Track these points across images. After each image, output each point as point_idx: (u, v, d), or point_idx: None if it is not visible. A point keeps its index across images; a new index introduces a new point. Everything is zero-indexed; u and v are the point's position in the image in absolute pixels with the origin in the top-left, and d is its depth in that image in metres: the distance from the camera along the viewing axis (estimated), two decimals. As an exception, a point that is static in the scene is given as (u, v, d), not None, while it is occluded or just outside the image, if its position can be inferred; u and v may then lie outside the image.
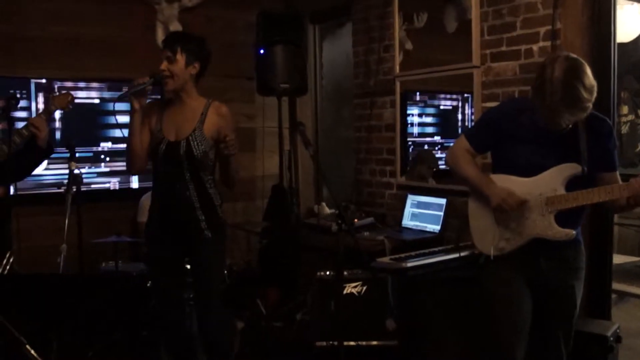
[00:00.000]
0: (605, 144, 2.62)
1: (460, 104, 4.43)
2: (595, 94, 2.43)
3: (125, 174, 5.04)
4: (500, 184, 2.68)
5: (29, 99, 4.71)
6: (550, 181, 2.60)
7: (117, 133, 4.86)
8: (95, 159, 4.98)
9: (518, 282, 2.70)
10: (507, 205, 2.62)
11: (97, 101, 4.99)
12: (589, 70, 2.43)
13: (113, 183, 5.06)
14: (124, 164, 3.37)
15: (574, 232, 2.60)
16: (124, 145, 3.28)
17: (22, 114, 4.60)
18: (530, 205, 2.62)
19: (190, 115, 3.16)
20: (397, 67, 4.72)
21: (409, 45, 4.66)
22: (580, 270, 2.74)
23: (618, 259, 4.88)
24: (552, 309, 2.71)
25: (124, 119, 3.28)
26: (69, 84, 4.86)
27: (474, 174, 2.78)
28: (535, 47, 3.73)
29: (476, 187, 2.78)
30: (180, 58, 3.09)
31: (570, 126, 2.53)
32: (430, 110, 4.67)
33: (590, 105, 2.42)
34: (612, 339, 3.19)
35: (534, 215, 2.62)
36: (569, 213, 2.60)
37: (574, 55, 2.49)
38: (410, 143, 4.76)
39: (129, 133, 3.14)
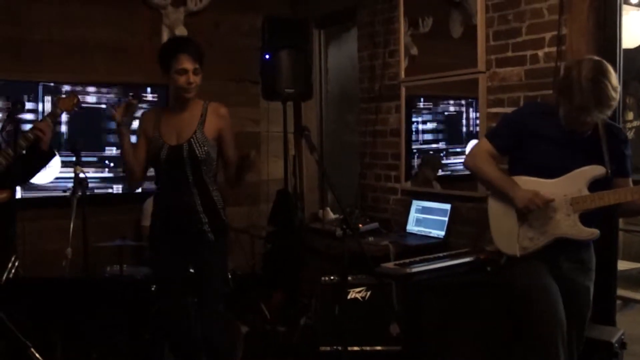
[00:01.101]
0: (622, 149, 2.71)
1: (464, 110, 4.43)
2: (619, 96, 2.52)
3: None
4: (523, 185, 2.72)
5: (36, 101, 4.72)
6: (575, 182, 2.66)
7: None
8: (99, 164, 4.99)
9: (548, 275, 2.73)
10: (534, 205, 2.65)
11: (103, 106, 5.00)
12: (613, 71, 2.51)
13: (116, 189, 5.06)
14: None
15: (598, 231, 2.67)
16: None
17: (30, 116, 4.62)
18: (555, 205, 2.67)
19: (189, 118, 3.18)
20: (402, 72, 4.72)
21: (414, 51, 4.66)
22: (593, 272, 2.82)
23: (623, 265, 4.86)
24: (569, 309, 2.73)
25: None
26: (77, 88, 4.86)
27: (497, 176, 2.81)
28: (540, 53, 3.73)
29: (500, 189, 2.79)
30: (200, 69, 3.14)
31: (590, 131, 2.62)
32: (435, 117, 4.66)
33: (616, 104, 2.51)
34: (617, 345, 3.18)
35: (558, 215, 2.67)
36: (591, 214, 2.66)
37: (598, 57, 2.58)
38: (415, 150, 4.75)
39: (123, 153, 3.18)
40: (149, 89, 5.12)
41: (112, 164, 5.03)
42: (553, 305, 2.65)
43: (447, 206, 4.26)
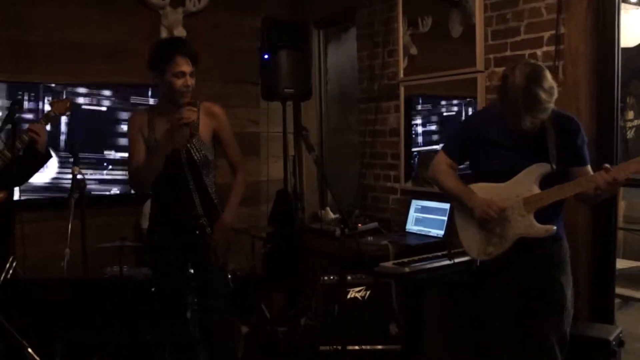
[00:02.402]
0: (573, 140, 2.73)
1: (464, 109, 4.43)
2: (555, 95, 2.56)
3: (126, 183, 5.03)
4: (479, 192, 2.82)
5: (37, 101, 4.73)
6: (525, 182, 2.73)
7: (122, 141, 4.92)
8: (97, 166, 5.00)
9: (505, 290, 2.84)
10: (489, 215, 2.75)
11: (104, 108, 5.00)
12: (547, 74, 2.57)
13: (114, 191, 5.07)
14: (126, 172, 3.34)
15: (554, 227, 2.71)
16: (126, 154, 3.26)
17: (30, 116, 4.63)
18: (510, 208, 2.74)
19: None
20: (402, 72, 4.72)
21: (413, 50, 4.66)
22: (565, 263, 2.85)
23: (622, 263, 4.87)
24: (540, 307, 2.80)
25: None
26: (81, 89, 4.89)
27: (455, 187, 2.92)
28: (539, 52, 3.73)
29: (459, 199, 2.91)
30: (194, 71, 3.10)
31: (538, 128, 2.65)
32: (434, 117, 4.66)
33: (550, 105, 2.56)
34: (614, 343, 3.19)
35: (514, 217, 2.74)
36: (547, 210, 2.71)
37: (533, 61, 2.71)
38: (415, 153, 4.75)
39: (158, 160, 3.05)
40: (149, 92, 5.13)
41: (109, 166, 5.02)
42: (500, 325, 2.84)
43: (447, 205, 4.26)
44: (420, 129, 4.72)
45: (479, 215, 2.79)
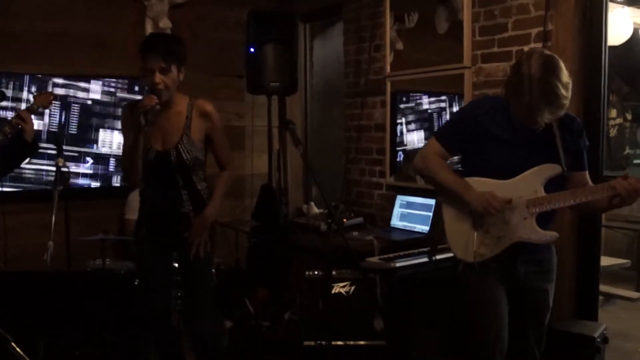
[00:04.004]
0: (577, 142, 2.57)
1: (447, 105, 4.43)
2: (570, 91, 2.37)
3: (106, 177, 5.00)
4: (477, 187, 2.55)
5: (21, 89, 4.66)
6: (530, 183, 2.51)
7: (104, 136, 4.87)
8: (79, 159, 4.92)
9: (497, 289, 2.62)
10: (492, 208, 2.49)
11: (89, 102, 4.93)
12: (564, 66, 2.38)
13: (94, 185, 5.00)
14: (107, 167, 3.32)
15: (557, 234, 2.54)
16: (108, 150, 3.24)
17: (13, 104, 4.58)
18: (512, 209, 2.51)
19: (175, 120, 3.08)
20: (388, 67, 4.72)
21: (399, 46, 4.65)
22: (553, 272, 2.68)
23: (605, 261, 4.91)
24: (525, 313, 2.65)
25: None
26: (66, 80, 4.82)
27: (450, 178, 2.63)
28: (526, 49, 3.72)
29: (453, 192, 2.61)
30: (174, 68, 2.98)
31: (544, 126, 2.45)
32: (417, 114, 4.65)
33: (567, 102, 2.36)
34: (599, 339, 3.21)
35: (515, 219, 2.51)
36: (547, 215, 2.53)
37: (549, 52, 2.44)
38: (400, 152, 4.74)
39: (134, 148, 2.97)
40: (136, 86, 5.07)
41: (90, 161, 4.95)
42: (498, 325, 2.59)
43: (432, 201, 4.26)
44: (405, 132, 4.70)
45: (478, 210, 2.52)
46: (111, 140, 4.97)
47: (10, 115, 4.05)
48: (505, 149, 2.54)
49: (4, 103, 4.47)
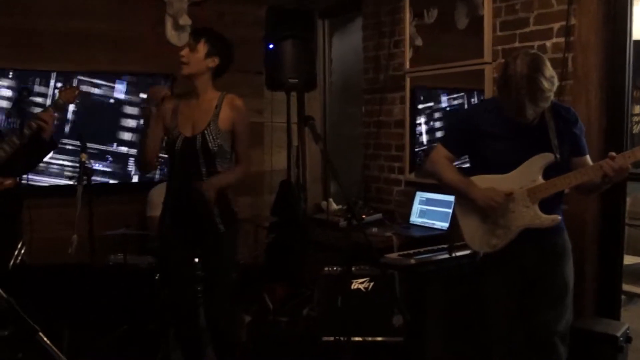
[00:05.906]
0: (572, 129, 2.75)
1: (469, 101, 4.39)
2: (556, 84, 2.57)
3: (124, 175, 5.04)
4: (481, 184, 2.80)
5: (47, 86, 4.71)
6: (528, 173, 2.73)
7: (125, 136, 4.91)
8: (99, 157, 4.95)
9: (509, 281, 2.83)
10: (495, 202, 2.73)
11: (112, 100, 4.96)
12: (548, 62, 2.58)
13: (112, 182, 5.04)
14: (126, 165, 3.39)
15: (559, 217, 2.75)
16: (126, 149, 3.31)
17: (39, 100, 4.64)
18: (514, 199, 2.73)
19: (205, 108, 3.17)
20: (407, 63, 4.69)
21: (418, 41, 4.63)
22: (568, 254, 2.85)
23: (626, 259, 4.84)
24: (544, 298, 2.80)
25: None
26: (92, 79, 4.86)
27: (455, 179, 2.89)
28: (548, 44, 3.69)
29: (460, 192, 2.89)
30: (202, 48, 3.13)
31: (538, 118, 2.68)
32: (438, 110, 4.62)
33: (551, 95, 2.58)
34: (622, 339, 3.17)
35: (519, 208, 2.74)
36: (550, 200, 2.73)
37: (533, 50, 2.71)
38: (420, 151, 4.71)
39: (145, 135, 3.22)
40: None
41: (111, 159, 4.98)
42: (509, 318, 2.85)
43: (452, 198, 4.22)
44: (424, 132, 4.67)
45: (482, 205, 2.76)
46: (131, 139, 5.00)
47: (36, 110, 4.10)
48: (503, 144, 2.76)
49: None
